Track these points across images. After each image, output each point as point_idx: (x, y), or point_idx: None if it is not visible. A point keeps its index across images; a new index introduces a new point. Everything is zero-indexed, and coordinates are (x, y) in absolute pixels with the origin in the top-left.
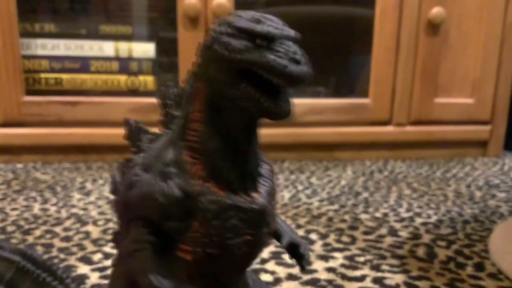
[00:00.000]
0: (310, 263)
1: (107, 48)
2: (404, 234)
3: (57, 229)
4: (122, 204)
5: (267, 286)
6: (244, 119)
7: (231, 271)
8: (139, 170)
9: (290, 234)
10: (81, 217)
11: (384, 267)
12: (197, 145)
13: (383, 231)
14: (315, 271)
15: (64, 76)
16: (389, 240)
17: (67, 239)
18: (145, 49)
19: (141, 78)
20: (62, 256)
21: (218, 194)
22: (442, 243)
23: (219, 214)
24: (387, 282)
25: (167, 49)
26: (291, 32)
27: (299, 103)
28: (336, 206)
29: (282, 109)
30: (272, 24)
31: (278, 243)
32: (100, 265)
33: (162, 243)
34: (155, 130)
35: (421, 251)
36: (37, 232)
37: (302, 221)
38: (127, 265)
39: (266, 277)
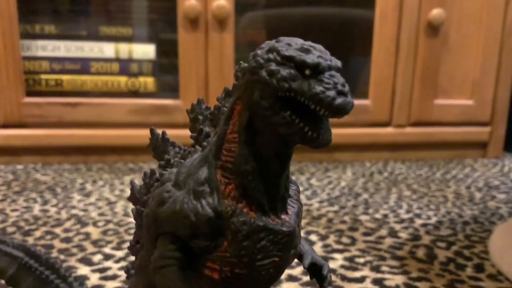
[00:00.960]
0: (332, 284)
1: (108, 49)
2: (404, 235)
3: (57, 230)
4: (151, 218)
5: None
6: (281, 144)
7: None
8: (171, 187)
9: (312, 255)
10: (81, 218)
11: (384, 268)
12: (231, 165)
13: (383, 232)
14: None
15: (65, 77)
16: (389, 241)
17: (67, 240)
18: (145, 51)
19: (141, 79)
20: (62, 257)
21: (249, 215)
22: (442, 244)
23: (250, 235)
24: (387, 283)
25: (167, 50)
26: (338, 63)
27: None
28: (336, 207)
29: (323, 138)
30: (321, 54)
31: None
32: (100, 266)
33: (189, 260)
34: (180, 143)
35: (421, 252)
36: (37, 233)
37: (302, 222)
38: (150, 278)
39: None
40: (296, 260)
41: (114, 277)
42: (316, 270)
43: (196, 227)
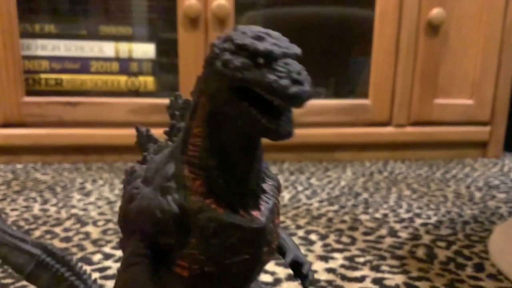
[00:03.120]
0: (313, 283)
1: (107, 48)
2: (404, 234)
3: (57, 230)
4: (121, 215)
5: None
6: (244, 137)
7: None
8: (140, 183)
9: (294, 252)
10: (81, 218)
11: (384, 267)
12: (197, 160)
13: (383, 231)
14: (314, 271)
15: (64, 76)
16: (389, 240)
17: (67, 239)
18: (145, 50)
19: (141, 78)
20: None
21: (217, 211)
22: (442, 244)
23: (217, 232)
24: (387, 282)
25: (167, 50)
26: (294, 50)
27: None
28: (336, 207)
29: (282, 130)
30: (276, 42)
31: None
32: (100, 265)
33: (159, 258)
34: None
35: (421, 252)
36: (37, 233)
37: (302, 221)
38: (124, 276)
39: (266, 278)
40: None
41: (114, 277)
42: (298, 268)
43: (162, 224)
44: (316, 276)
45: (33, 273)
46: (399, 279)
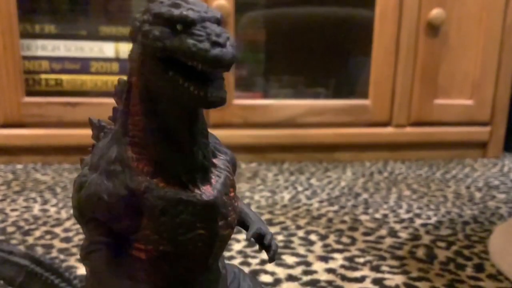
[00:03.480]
0: (276, 252)
1: (107, 49)
2: (404, 235)
3: (57, 230)
4: (74, 205)
5: (253, 280)
6: (180, 109)
7: (192, 268)
8: (87, 170)
9: (257, 225)
10: None
11: (384, 268)
12: (139, 140)
13: (383, 232)
14: (315, 272)
15: (64, 77)
16: (389, 241)
17: (67, 240)
18: None
19: None
20: (62, 257)
21: (165, 189)
22: (442, 244)
23: (167, 210)
24: (387, 283)
25: None
26: (213, 14)
27: (299, 104)
28: (336, 207)
29: (213, 96)
30: (192, 7)
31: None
32: None
33: (117, 243)
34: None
35: (421, 252)
36: (37, 233)
37: (302, 222)
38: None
39: (266, 278)
40: (295, 259)
41: None
42: (262, 240)
43: (111, 208)
44: (316, 276)
45: (23, 283)
46: (399, 279)
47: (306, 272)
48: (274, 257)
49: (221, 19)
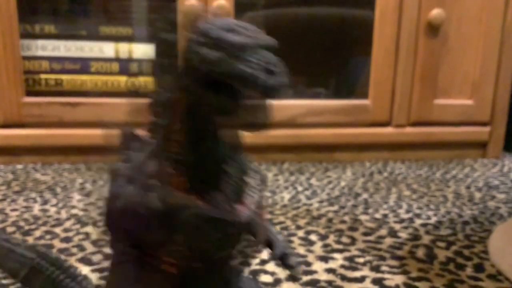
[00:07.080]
0: (299, 273)
1: (107, 49)
2: (403, 235)
3: (57, 230)
4: (105, 215)
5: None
6: (221, 130)
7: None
8: (123, 182)
9: (283, 245)
10: (81, 218)
11: (384, 268)
12: (178, 156)
13: (383, 232)
14: (314, 272)
15: (64, 77)
16: (388, 241)
17: (67, 240)
18: (146, 51)
19: (142, 79)
20: (62, 257)
21: (201, 207)
22: (442, 244)
23: (203, 228)
24: (387, 283)
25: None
26: (266, 41)
27: (299, 104)
28: (336, 207)
29: (258, 122)
30: (246, 33)
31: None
32: (100, 266)
33: (145, 256)
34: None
35: (420, 252)
36: (37, 233)
37: (302, 222)
38: (112, 276)
39: (266, 278)
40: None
41: None
42: (287, 260)
43: (146, 222)
44: (316, 276)
45: (27, 276)
46: (399, 279)
47: (306, 272)
48: (298, 276)
49: (274, 47)
